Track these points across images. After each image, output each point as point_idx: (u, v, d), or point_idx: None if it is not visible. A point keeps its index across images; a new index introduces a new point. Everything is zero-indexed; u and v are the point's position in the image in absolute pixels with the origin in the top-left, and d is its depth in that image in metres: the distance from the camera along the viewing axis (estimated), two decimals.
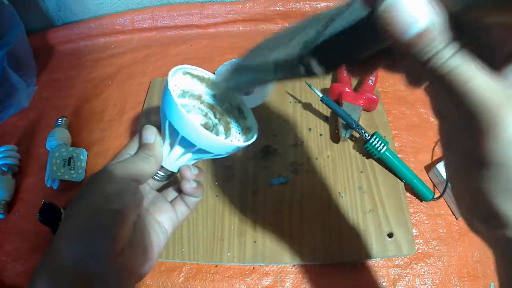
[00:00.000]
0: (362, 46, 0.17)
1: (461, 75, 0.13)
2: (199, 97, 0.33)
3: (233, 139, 0.32)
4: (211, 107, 0.33)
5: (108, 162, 0.30)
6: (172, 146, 0.31)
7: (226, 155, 0.32)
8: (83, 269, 0.23)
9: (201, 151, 0.30)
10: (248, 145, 0.31)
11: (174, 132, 0.30)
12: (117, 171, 0.27)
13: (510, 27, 0.14)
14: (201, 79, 0.34)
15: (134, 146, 0.31)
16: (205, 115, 0.33)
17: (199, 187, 0.33)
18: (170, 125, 0.29)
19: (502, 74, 0.14)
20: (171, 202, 0.33)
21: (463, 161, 0.16)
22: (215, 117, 0.33)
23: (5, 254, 0.48)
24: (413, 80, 0.18)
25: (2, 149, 0.54)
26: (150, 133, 0.30)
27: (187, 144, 0.30)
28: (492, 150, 0.14)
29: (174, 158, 0.32)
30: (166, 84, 0.29)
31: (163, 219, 0.31)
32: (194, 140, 0.29)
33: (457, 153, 0.16)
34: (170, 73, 0.31)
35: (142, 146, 0.30)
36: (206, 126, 0.32)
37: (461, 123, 0.15)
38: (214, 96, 0.34)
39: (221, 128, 0.33)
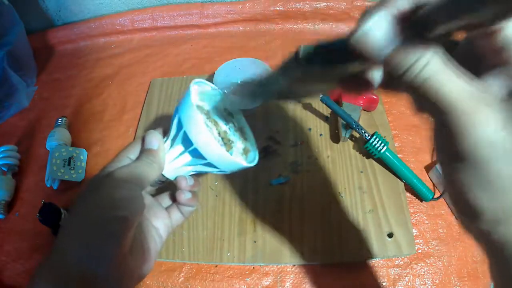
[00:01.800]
0: (349, 62, 0.19)
1: (434, 84, 0.15)
2: (207, 113, 0.33)
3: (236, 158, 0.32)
4: (216, 124, 0.33)
5: (107, 164, 0.29)
6: (179, 154, 0.31)
7: (228, 173, 0.32)
8: (88, 273, 0.24)
9: (208, 165, 0.30)
10: (251, 167, 0.31)
11: (186, 142, 0.29)
12: (123, 176, 0.27)
13: (489, 47, 0.16)
14: (212, 95, 0.35)
15: (134, 150, 0.31)
16: (211, 130, 0.33)
17: (194, 198, 0.33)
18: (185, 134, 0.29)
19: (480, 79, 0.16)
20: (166, 208, 0.34)
21: (446, 158, 0.18)
22: (219, 135, 0.33)
23: (5, 254, 0.48)
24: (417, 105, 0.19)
25: (2, 149, 0.54)
26: (155, 139, 0.30)
27: (196, 156, 0.30)
28: (465, 148, 0.15)
29: (176, 166, 0.31)
30: (188, 95, 0.29)
31: (159, 225, 0.32)
32: (207, 153, 0.29)
33: (441, 151, 0.18)
34: (192, 84, 0.31)
35: (145, 151, 0.30)
36: None
37: (441, 125, 0.17)
38: (219, 113, 0.34)
39: (225, 147, 0.33)
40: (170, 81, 0.63)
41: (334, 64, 0.20)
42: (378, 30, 0.15)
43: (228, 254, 0.44)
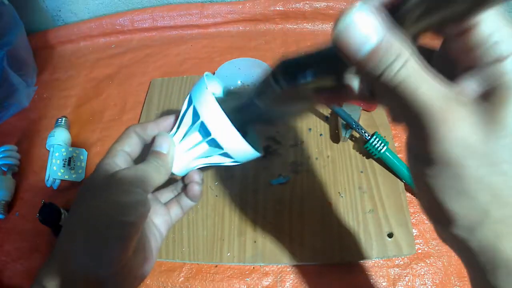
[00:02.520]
0: (327, 67, 0.19)
1: (409, 86, 0.15)
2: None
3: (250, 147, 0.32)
4: None
5: (102, 159, 0.29)
6: (194, 145, 0.30)
7: (238, 164, 0.31)
8: (92, 276, 0.24)
9: (223, 155, 0.29)
10: (259, 157, 0.31)
11: (204, 131, 0.29)
12: (130, 180, 0.26)
13: (463, 48, 0.16)
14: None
15: (128, 142, 0.30)
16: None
17: (201, 191, 0.33)
18: (202, 125, 0.28)
19: (455, 82, 0.16)
20: (165, 204, 0.33)
21: (418, 164, 0.17)
22: None
23: (5, 254, 0.48)
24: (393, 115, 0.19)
25: (2, 149, 0.54)
26: (166, 143, 0.29)
27: (214, 145, 0.29)
28: (438, 151, 0.15)
29: (188, 158, 0.30)
30: (203, 83, 0.28)
31: (159, 222, 0.31)
32: (227, 142, 0.28)
33: (413, 156, 0.18)
34: (205, 75, 0.30)
35: (154, 153, 0.29)
36: None
37: (414, 129, 0.17)
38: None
39: None
40: (170, 81, 0.63)
41: (313, 75, 0.20)
42: (360, 24, 0.14)
43: (228, 254, 0.44)
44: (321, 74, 0.20)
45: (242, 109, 0.28)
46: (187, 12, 0.71)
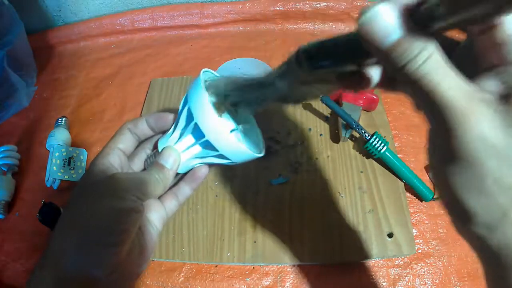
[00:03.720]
0: (352, 53, 0.19)
1: (432, 80, 0.15)
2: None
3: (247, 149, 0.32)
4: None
5: (97, 156, 0.29)
6: (188, 146, 0.30)
7: (235, 164, 0.31)
8: (87, 278, 0.24)
9: (219, 156, 0.29)
10: (260, 157, 0.31)
11: (197, 133, 0.29)
12: (127, 186, 0.26)
13: (486, 46, 0.16)
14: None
15: (122, 139, 0.30)
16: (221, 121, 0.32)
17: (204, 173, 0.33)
18: (195, 126, 0.28)
19: (476, 81, 0.16)
20: (159, 198, 0.33)
21: (440, 159, 0.17)
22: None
23: (5, 254, 0.48)
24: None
25: (2, 149, 0.54)
26: (172, 158, 0.29)
27: (207, 147, 0.29)
28: (459, 148, 0.15)
29: (184, 158, 0.30)
30: (198, 84, 0.28)
31: (154, 218, 0.31)
32: (220, 145, 0.28)
33: (434, 151, 0.18)
34: (202, 73, 0.29)
35: (157, 166, 0.29)
36: None
37: (436, 123, 0.17)
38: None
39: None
40: (170, 81, 0.63)
41: (336, 62, 0.20)
42: (385, 15, 0.15)
43: (228, 254, 0.44)
44: (344, 61, 0.20)
45: (260, 87, 0.27)
46: (187, 12, 0.71)
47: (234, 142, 0.28)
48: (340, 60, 0.20)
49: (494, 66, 0.16)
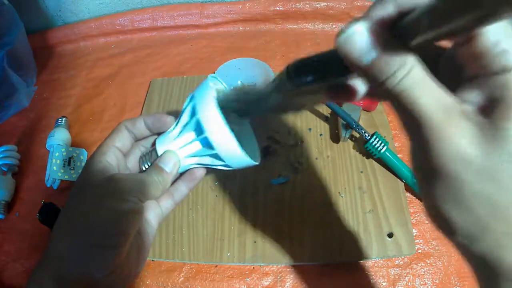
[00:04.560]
0: (335, 67, 0.19)
1: (411, 95, 0.15)
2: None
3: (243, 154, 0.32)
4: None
5: (93, 154, 0.29)
6: (187, 142, 0.30)
7: (232, 168, 0.31)
8: (87, 279, 0.24)
9: (215, 157, 0.29)
10: (255, 165, 0.31)
11: (198, 130, 0.29)
12: (127, 188, 0.26)
13: (469, 55, 0.16)
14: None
15: (119, 137, 0.30)
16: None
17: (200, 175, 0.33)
18: (197, 122, 0.28)
19: (458, 92, 0.16)
20: None
21: (421, 172, 0.18)
22: None
23: (5, 254, 0.48)
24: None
25: (2, 149, 0.54)
26: (171, 162, 0.29)
27: (206, 146, 0.29)
28: (437, 163, 0.15)
29: (181, 156, 0.31)
30: (207, 83, 0.28)
31: (151, 217, 0.31)
32: (218, 144, 0.28)
33: (416, 165, 0.18)
34: (210, 76, 0.30)
35: (157, 168, 0.29)
36: None
37: (416, 138, 0.17)
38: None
39: None
40: (170, 81, 0.63)
41: (322, 76, 0.20)
42: (361, 35, 0.15)
43: (228, 254, 0.44)
44: (328, 76, 0.20)
45: (258, 100, 0.28)
46: (187, 12, 0.71)
47: (231, 143, 0.28)
48: (324, 75, 0.20)
49: (475, 77, 0.16)
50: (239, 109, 0.29)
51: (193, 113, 0.29)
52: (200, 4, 0.71)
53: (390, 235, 0.43)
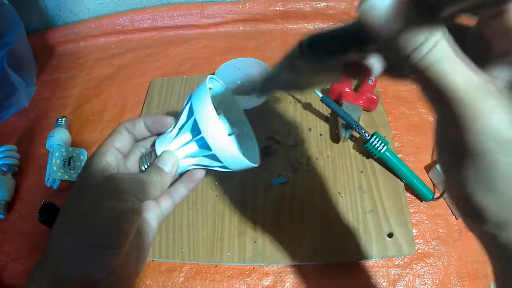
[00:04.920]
0: (352, 41, 0.19)
1: (440, 70, 0.14)
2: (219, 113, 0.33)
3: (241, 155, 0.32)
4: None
5: (93, 154, 0.29)
6: (185, 143, 0.30)
7: (230, 170, 0.31)
8: (87, 279, 0.24)
9: (212, 157, 0.29)
10: (253, 167, 0.31)
11: (195, 130, 0.29)
12: (127, 188, 0.26)
13: (497, 32, 0.15)
14: (222, 95, 0.34)
15: (118, 138, 0.30)
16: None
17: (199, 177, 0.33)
18: (194, 122, 0.28)
19: (487, 69, 0.15)
20: None
21: (449, 153, 0.17)
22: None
23: (5, 254, 0.48)
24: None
25: (2, 149, 0.54)
26: (171, 163, 0.29)
27: (203, 146, 0.29)
28: (471, 141, 0.14)
29: (179, 156, 0.31)
30: (204, 84, 0.28)
31: (150, 217, 0.31)
32: (215, 144, 0.28)
33: (445, 145, 0.17)
34: (208, 79, 0.30)
35: (156, 168, 0.29)
36: None
37: (445, 115, 0.16)
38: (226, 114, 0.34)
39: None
40: (170, 81, 0.63)
41: (338, 51, 0.20)
42: (387, 2, 0.14)
43: (228, 254, 0.44)
44: (345, 50, 0.19)
45: (268, 78, 0.28)
46: (187, 12, 0.71)
47: (228, 143, 0.28)
48: (341, 49, 0.19)
49: (504, 53, 0.15)
50: (250, 89, 0.29)
51: (190, 114, 0.29)
52: (200, 4, 0.71)
53: (390, 235, 0.43)
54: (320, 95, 0.48)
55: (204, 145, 0.29)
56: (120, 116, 0.60)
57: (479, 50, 0.16)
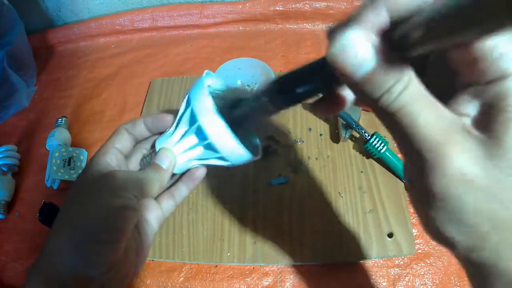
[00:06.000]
0: (323, 83, 0.19)
1: (408, 114, 0.14)
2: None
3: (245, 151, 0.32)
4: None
5: (94, 155, 0.29)
6: (189, 147, 0.30)
7: (233, 165, 0.31)
8: (81, 277, 0.24)
9: (219, 158, 0.29)
10: (256, 159, 0.31)
11: (200, 135, 0.29)
12: (123, 184, 0.26)
13: (463, 60, 0.14)
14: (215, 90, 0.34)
15: (119, 139, 0.30)
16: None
17: (200, 176, 0.33)
18: (199, 129, 0.28)
19: (456, 103, 0.15)
20: (156, 198, 0.33)
21: (416, 196, 0.17)
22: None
23: (5, 254, 0.48)
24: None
25: (2, 149, 0.54)
26: (167, 159, 0.29)
27: (208, 148, 0.29)
28: (438, 185, 0.14)
29: (183, 160, 0.31)
30: (202, 85, 0.28)
31: (151, 218, 0.31)
32: (221, 146, 0.27)
33: (414, 185, 0.17)
34: (205, 74, 0.30)
35: (153, 166, 0.29)
36: None
37: (410, 158, 0.16)
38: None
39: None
40: (170, 81, 0.63)
41: (307, 95, 0.20)
42: (358, 45, 0.13)
43: (228, 254, 0.44)
44: (316, 90, 0.19)
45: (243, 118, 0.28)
46: (187, 12, 0.71)
47: (235, 145, 0.28)
48: (311, 89, 0.19)
49: (469, 85, 0.15)
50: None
51: (193, 118, 0.29)
52: (200, 4, 0.71)
53: (390, 235, 0.43)
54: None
55: (212, 148, 0.28)
56: (120, 116, 0.60)
57: (441, 80, 0.16)
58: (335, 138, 0.52)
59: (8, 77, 0.58)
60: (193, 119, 0.29)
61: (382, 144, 0.46)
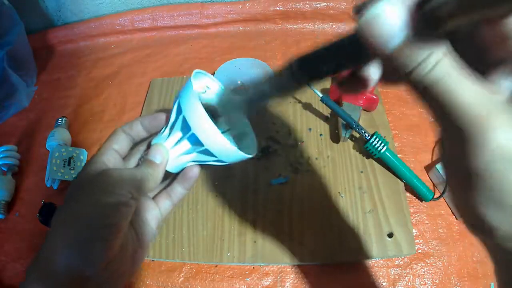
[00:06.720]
0: (349, 59, 0.18)
1: (444, 87, 0.13)
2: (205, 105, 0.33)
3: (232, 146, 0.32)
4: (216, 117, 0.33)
5: (93, 156, 0.29)
6: (177, 141, 0.30)
7: (227, 163, 0.31)
8: (77, 275, 0.24)
9: (206, 152, 0.29)
10: (250, 158, 0.31)
11: (185, 128, 0.29)
12: (117, 181, 0.26)
13: (494, 37, 0.14)
14: (212, 88, 0.34)
15: (116, 140, 0.30)
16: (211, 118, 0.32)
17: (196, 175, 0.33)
18: (184, 120, 0.29)
19: (490, 80, 0.14)
20: (153, 198, 0.33)
21: (456, 172, 0.16)
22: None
23: (5, 254, 0.48)
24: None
25: (2, 149, 0.54)
26: (159, 154, 0.29)
27: (195, 143, 0.29)
28: (479, 161, 0.14)
29: (174, 155, 0.31)
30: (189, 82, 0.29)
31: (149, 218, 0.31)
32: (205, 138, 0.28)
33: (451, 164, 0.16)
34: (194, 73, 0.30)
35: (146, 162, 0.29)
36: None
37: (451, 134, 0.15)
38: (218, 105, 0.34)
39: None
40: (170, 81, 0.63)
41: (331, 71, 0.19)
42: (389, 15, 0.13)
43: (228, 254, 0.44)
44: (340, 67, 0.19)
45: (256, 98, 0.27)
46: (187, 12, 0.71)
47: (218, 136, 0.28)
48: (334, 68, 0.19)
49: (503, 59, 0.14)
50: (238, 107, 0.29)
51: (179, 111, 0.29)
52: (200, 4, 0.71)
53: (390, 235, 0.43)
54: (320, 95, 0.48)
55: (196, 141, 0.29)
56: (120, 116, 0.60)
57: (473, 58, 0.15)
58: (335, 138, 0.52)
59: (8, 77, 0.58)
60: (186, 127, 0.29)
61: (382, 144, 0.46)
